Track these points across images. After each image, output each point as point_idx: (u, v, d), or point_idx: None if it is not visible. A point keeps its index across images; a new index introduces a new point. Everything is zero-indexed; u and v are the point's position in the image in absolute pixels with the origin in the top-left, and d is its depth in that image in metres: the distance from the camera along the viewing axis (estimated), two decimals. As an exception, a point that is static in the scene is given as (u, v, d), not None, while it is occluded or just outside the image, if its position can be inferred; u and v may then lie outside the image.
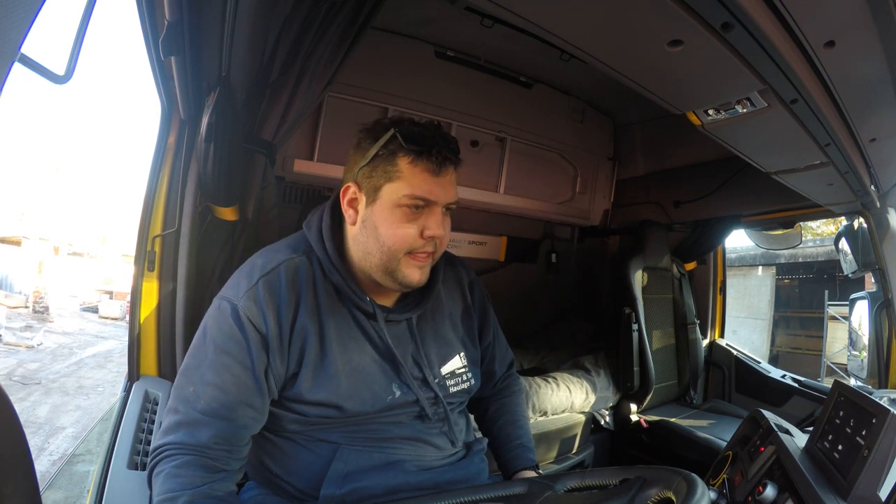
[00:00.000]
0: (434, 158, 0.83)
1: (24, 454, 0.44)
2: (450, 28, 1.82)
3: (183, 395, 0.80)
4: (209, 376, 0.79)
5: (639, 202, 2.53)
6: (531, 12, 0.62)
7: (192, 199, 1.25)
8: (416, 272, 0.87)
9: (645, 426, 2.08)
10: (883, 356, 1.67)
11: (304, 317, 0.85)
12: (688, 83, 0.80)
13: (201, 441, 0.77)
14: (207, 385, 0.79)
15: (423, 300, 0.95)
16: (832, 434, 0.93)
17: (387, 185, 0.84)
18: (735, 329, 9.62)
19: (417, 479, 0.90)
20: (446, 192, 0.85)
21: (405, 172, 0.83)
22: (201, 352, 0.82)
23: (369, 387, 0.88)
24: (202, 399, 0.78)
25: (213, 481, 0.76)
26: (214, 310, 0.85)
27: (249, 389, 0.80)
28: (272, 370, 0.82)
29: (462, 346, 1.01)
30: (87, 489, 0.89)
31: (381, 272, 0.87)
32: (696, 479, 0.60)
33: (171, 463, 0.75)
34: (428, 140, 0.82)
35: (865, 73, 0.82)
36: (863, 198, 1.46)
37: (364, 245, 0.87)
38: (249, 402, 0.81)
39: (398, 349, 0.90)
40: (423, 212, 0.85)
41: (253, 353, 0.81)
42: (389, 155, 0.83)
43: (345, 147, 1.80)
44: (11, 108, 34.70)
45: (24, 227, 18.88)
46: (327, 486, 0.84)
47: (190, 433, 0.77)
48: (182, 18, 0.87)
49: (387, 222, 0.84)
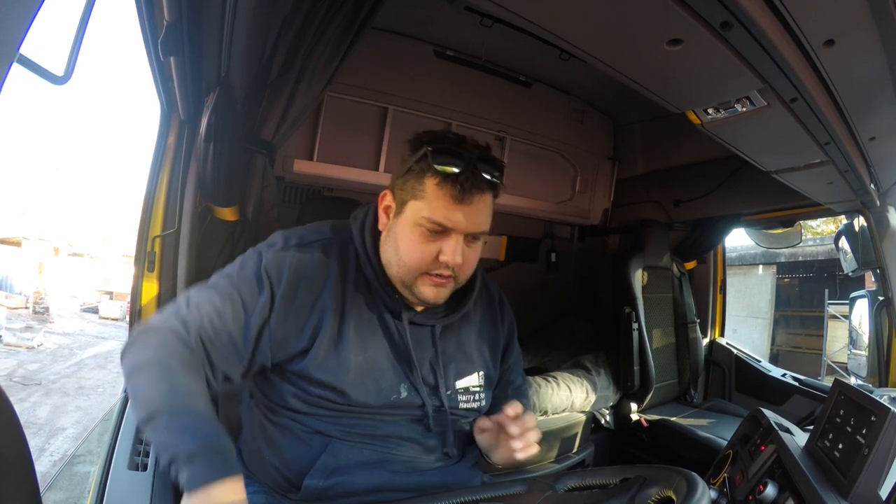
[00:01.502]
0: (460, 185, 0.79)
1: (24, 455, 0.44)
2: (449, 28, 1.82)
3: (189, 299, 0.83)
4: (216, 299, 0.81)
5: (639, 201, 2.53)
6: (531, 12, 0.62)
7: (192, 199, 1.25)
8: (431, 291, 0.86)
9: (645, 425, 2.08)
10: (883, 355, 1.66)
11: (327, 297, 0.85)
12: (687, 82, 0.80)
13: (187, 338, 0.78)
14: (212, 304, 0.81)
15: (451, 312, 0.94)
16: (832, 433, 0.93)
17: (411, 202, 0.83)
18: (735, 328, 9.62)
19: (404, 480, 0.89)
20: (469, 221, 0.82)
21: (429, 194, 0.81)
22: (223, 279, 0.85)
23: (377, 381, 0.87)
24: (203, 312, 0.80)
25: (190, 355, 0.77)
26: (248, 254, 0.88)
27: (239, 330, 0.81)
28: (269, 330, 0.82)
29: (483, 366, 0.99)
30: (88, 490, 0.89)
31: (399, 283, 0.87)
32: (696, 479, 0.60)
33: (154, 333, 0.78)
34: (460, 164, 0.79)
35: (865, 72, 0.82)
36: (863, 196, 1.46)
37: (386, 254, 0.87)
38: (234, 340, 0.81)
39: (416, 352, 0.90)
40: (442, 236, 0.82)
41: (258, 304, 0.82)
42: (420, 172, 0.81)
43: (344, 147, 1.83)
44: (11, 108, 34.69)
45: (24, 227, 18.87)
46: (312, 476, 0.84)
47: (182, 326, 0.78)
48: (181, 19, 0.87)
49: (406, 238, 0.84)
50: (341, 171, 1.81)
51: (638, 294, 2.17)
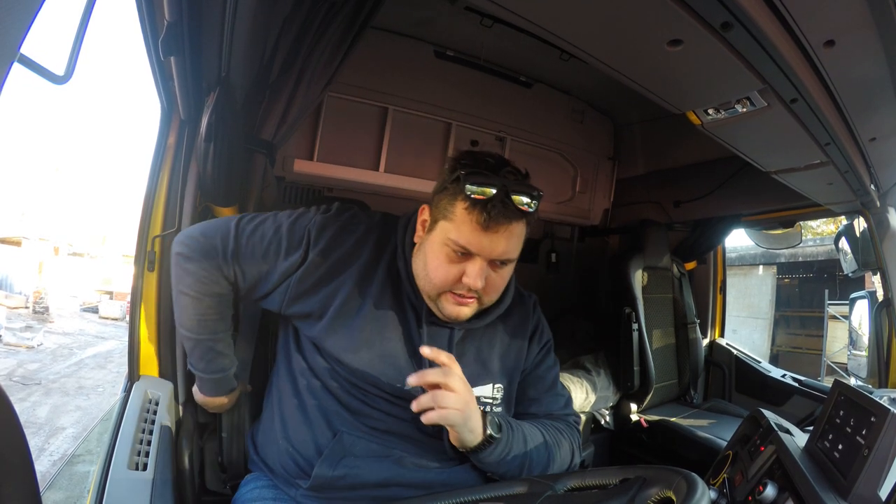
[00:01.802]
0: (488, 213, 0.79)
1: (24, 455, 0.44)
2: (450, 28, 1.82)
3: (241, 226, 0.95)
4: (256, 238, 0.93)
5: (639, 202, 2.53)
6: (531, 12, 0.62)
7: (192, 199, 1.25)
8: (453, 309, 0.88)
9: (645, 426, 2.08)
10: (883, 355, 1.66)
11: (352, 273, 0.91)
12: (688, 83, 0.80)
13: (222, 262, 0.93)
14: (257, 239, 0.93)
15: (473, 321, 0.94)
16: (832, 433, 0.93)
17: (442, 222, 0.85)
18: (735, 328, 9.62)
19: (412, 475, 0.90)
20: (494, 248, 0.82)
21: (458, 217, 0.82)
22: (270, 219, 0.96)
23: (385, 364, 0.90)
24: (243, 244, 0.93)
25: (221, 286, 0.95)
26: (303, 210, 0.98)
27: (267, 270, 0.92)
28: (290, 281, 0.91)
29: (502, 380, 0.98)
30: (88, 490, 0.89)
31: (425, 295, 0.90)
32: (696, 479, 0.60)
33: (196, 257, 0.94)
34: (492, 191, 0.79)
35: (865, 73, 0.82)
36: (863, 197, 1.46)
37: (416, 266, 0.91)
38: (259, 275, 0.93)
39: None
40: (467, 258, 0.84)
41: (291, 256, 0.91)
42: (453, 193, 0.82)
43: (345, 147, 1.83)
44: (11, 108, 34.69)
45: (24, 227, 18.87)
46: (321, 465, 0.86)
47: (222, 247, 0.93)
48: (182, 19, 0.87)
49: (434, 256, 0.86)
50: (341, 171, 1.81)
51: (638, 294, 2.17)
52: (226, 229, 0.95)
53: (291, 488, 0.92)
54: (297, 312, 0.93)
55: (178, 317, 0.99)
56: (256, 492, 0.94)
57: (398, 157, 1.90)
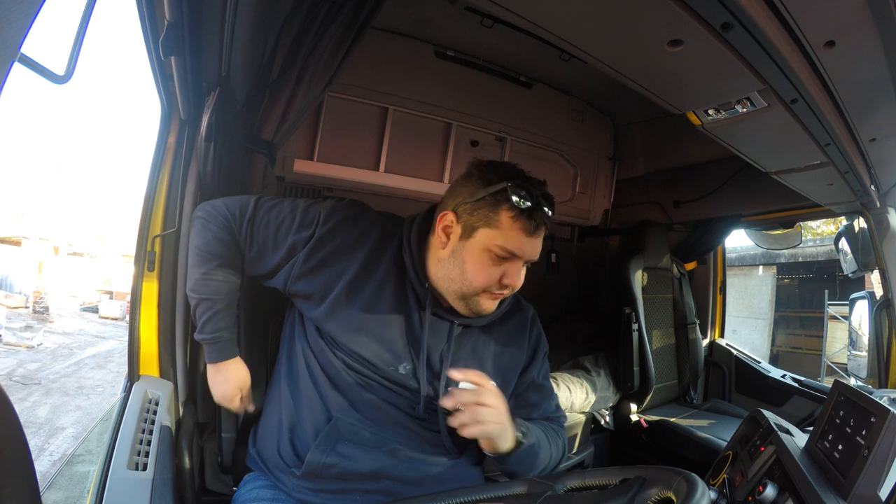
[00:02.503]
0: (533, 221, 0.89)
1: (24, 454, 0.44)
2: (450, 28, 1.82)
3: (259, 203, 1.02)
4: (272, 213, 1.00)
5: (639, 202, 2.53)
6: (531, 12, 0.62)
7: (192, 199, 1.25)
8: (489, 304, 0.96)
9: (645, 426, 2.08)
10: (883, 356, 1.67)
11: (356, 258, 0.96)
12: (688, 83, 0.80)
13: (236, 227, 1.00)
14: (272, 215, 1.00)
15: (473, 319, 0.99)
16: (832, 434, 0.93)
17: (484, 229, 0.90)
18: (735, 329, 9.62)
19: (404, 466, 0.93)
20: (533, 251, 0.93)
21: (504, 225, 0.89)
22: (288, 201, 1.03)
23: (382, 347, 0.94)
24: (259, 215, 1.00)
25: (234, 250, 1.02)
26: (316, 201, 1.04)
27: (276, 246, 0.98)
28: (296, 259, 0.97)
29: (495, 378, 1.00)
30: (87, 490, 0.89)
31: (456, 297, 0.95)
32: (696, 479, 0.60)
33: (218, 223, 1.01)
34: (532, 201, 0.88)
35: (865, 73, 0.82)
36: (863, 198, 1.46)
37: (448, 271, 0.94)
38: (267, 251, 0.99)
39: (429, 340, 0.96)
40: (508, 262, 0.91)
41: (302, 237, 0.97)
42: (495, 203, 0.89)
43: (345, 147, 1.83)
44: (11, 108, 34.67)
45: (24, 227, 18.87)
46: (314, 451, 0.90)
47: (240, 215, 1.01)
48: (182, 18, 0.87)
49: (474, 261, 0.91)
50: (341, 171, 1.81)
51: (638, 295, 2.17)
52: (246, 201, 1.03)
53: (287, 477, 0.93)
54: (300, 291, 0.97)
55: (189, 275, 1.04)
56: (255, 492, 0.95)
57: (398, 157, 1.90)
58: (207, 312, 1.02)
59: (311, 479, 0.90)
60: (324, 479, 0.90)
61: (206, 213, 1.03)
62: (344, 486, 0.90)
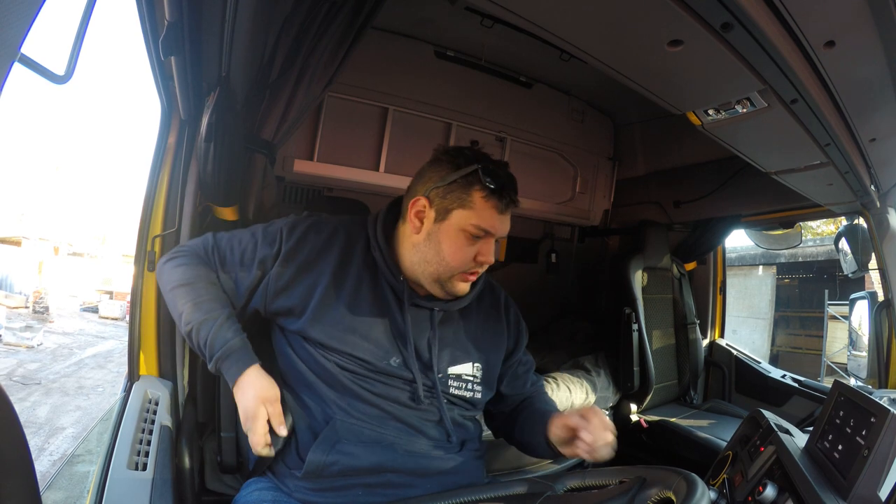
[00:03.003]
0: (504, 199, 0.94)
1: (24, 454, 0.44)
2: (450, 28, 1.82)
3: (217, 236, 1.03)
4: (234, 241, 1.02)
5: (639, 202, 2.53)
6: (531, 12, 0.62)
7: (192, 199, 1.25)
8: (464, 286, 0.99)
9: (645, 426, 2.08)
10: (883, 356, 1.66)
11: (326, 265, 0.98)
12: (688, 83, 0.80)
13: (208, 260, 1.01)
14: (234, 241, 1.02)
15: (451, 303, 1.02)
16: (832, 434, 0.93)
17: (458, 211, 0.94)
18: (735, 329, 9.62)
19: (406, 461, 0.93)
20: (504, 228, 0.97)
21: (477, 205, 0.93)
22: (252, 229, 1.04)
23: (370, 344, 0.96)
24: (224, 244, 1.02)
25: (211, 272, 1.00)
26: (277, 219, 1.06)
27: (244, 267, 0.99)
28: (269, 278, 0.97)
29: (480, 360, 1.06)
30: (87, 489, 0.89)
31: (431, 280, 0.97)
32: (696, 479, 0.60)
33: (185, 258, 1.00)
34: (502, 181, 0.93)
35: (865, 73, 0.82)
36: (863, 198, 1.46)
37: (424, 254, 0.97)
38: (237, 275, 0.99)
39: (413, 330, 0.98)
40: (482, 240, 0.95)
41: (269, 254, 0.98)
42: (467, 185, 0.93)
43: (345, 147, 1.83)
44: (11, 108, 34.68)
45: (24, 227, 18.87)
46: (315, 451, 0.90)
47: (205, 251, 1.01)
48: (182, 18, 0.87)
49: (451, 241, 0.95)
50: (341, 171, 1.81)
51: (638, 295, 2.17)
52: (204, 237, 1.05)
53: (288, 479, 0.93)
54: (280, 308, 0.98)
55: (176, 315, 0.97)
56: (257, 494, 0.95)
57: (398, 157, 1.90)
58: (211, 330, 0.93)
59: (312, 478, 0.90)
60: (325, 478, 0.90)
61: (170, 255, 1.03)
62: (346, 483, 0.91)
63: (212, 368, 0.94)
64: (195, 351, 0.97)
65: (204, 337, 0.93)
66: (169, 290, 0.99)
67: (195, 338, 0.94)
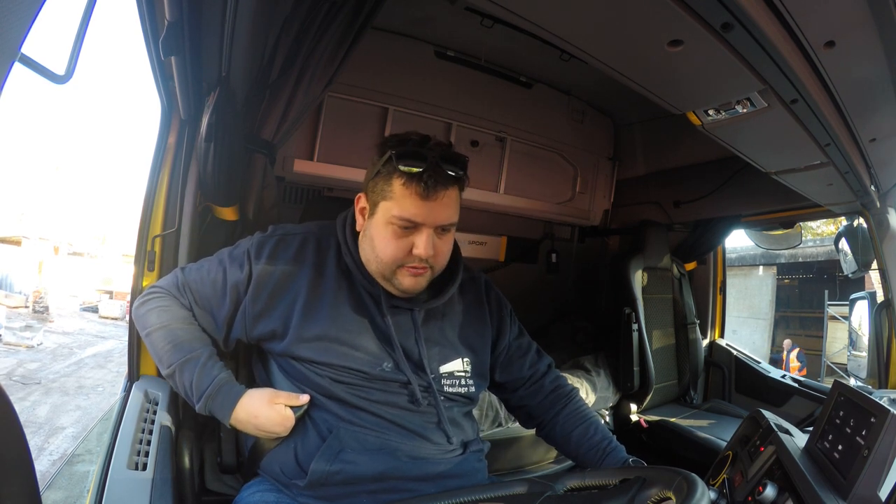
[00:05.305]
0: (424, 183, 0.85)
1: (24, 454, 0.44)
2: (450, 28, 1.82)
3: (186, 270, 1.02)
4: (203, 272, 0.99)
5: (639, 202, 2.53)
6: (531, 12, 0.62)
7: (192, 199, 1.25)
8: (410, 280, 0.93)
9: (645, 426, 2.08)
10: (883, 356, 1.66)
11: (301, 282, 0.94)
12: (688, 83, 0.80)
13: (183, 301, 0.99)
14: (203, 273, 0.99)
15: (432, 298, 1.00)
16: (832, 434, 0.93)
17: (382, 203, 0.90)
18: (735, 329, 9.62)
19: (409, 467, 0.92)
20: (435, 215, 0.88)
21: (397, 194, 0.87)
22: (219, 255, 1.01)
23: (360, 353, 0.93)
24: (193, 278, 0.99)
25: (188, 312, 0.98)
26: (242, 240, 1.03)
27: (218, 298, 0.97)
28: (245, 304, 0.95)
29: (468, 354, 1.04)
30: (87, 489, 0.89)
31: (379, 277, 0.95)
32: (696, 479, 0.60)
33: (160, 299, 0.99)
34: (423, 163, 0.85)
35: (865, 73, 0.82)
36: (863, 198, 1.46)
37: (364, 252, 0.95)
38: (213, 309, 0.97)
39: (398, 334, 0.95)
40: (413, 231, 0.89)
41: (238, 279, 0.95)
42: (388, 174, 0.88)
43: (345, 147, 1.83)
44: (11, 108, 34.69)
45: (24, 226, 18.87)
46: (318, 460, 0.89)
47: (178, 292, 1.00)
48: (182, 18, 0.87)
49: (380, 237, 0.91)
50: (341, 171, 1.81)
51: (638, 295, 2.17)
52: (172, 274, 1.03)
53: (291, 489, 0.92)
54: (263, 333, 0.95)
55: (156, 359, 0.97)
56: (258, 495, 0.94)
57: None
58: (195, 369, 0.92)
59: (316, 487, 0.89)
60: (329, 486, 0.89)
61: (142, 298, 1.01)
62: (349, 491, 0.89)
63: (200, 408, 0.91)
64: (179, 393, 0.97)
65: (189, 378, 0.92)
66: (146, 335, 0.97)
67: (178, 379, 0.93)
